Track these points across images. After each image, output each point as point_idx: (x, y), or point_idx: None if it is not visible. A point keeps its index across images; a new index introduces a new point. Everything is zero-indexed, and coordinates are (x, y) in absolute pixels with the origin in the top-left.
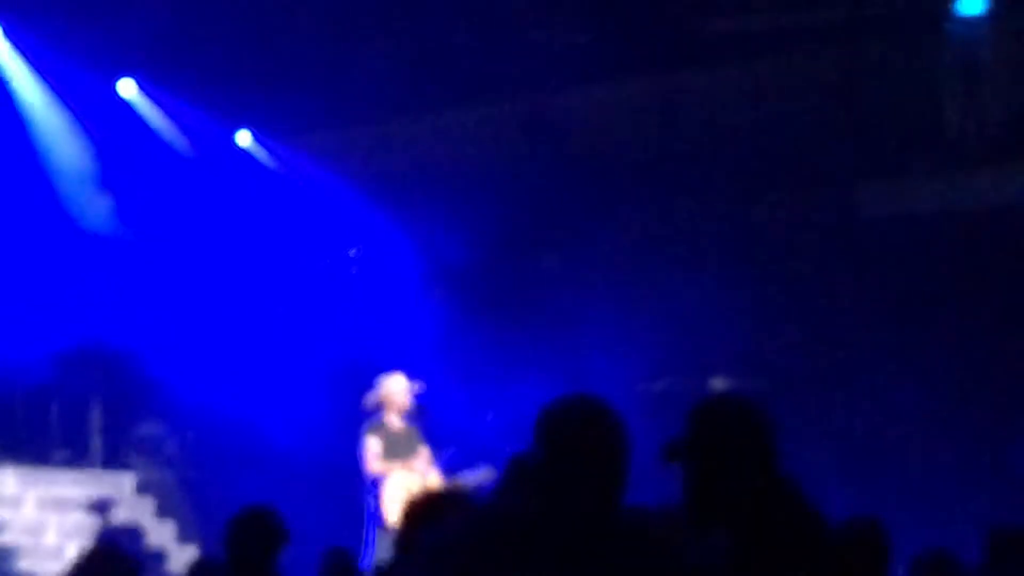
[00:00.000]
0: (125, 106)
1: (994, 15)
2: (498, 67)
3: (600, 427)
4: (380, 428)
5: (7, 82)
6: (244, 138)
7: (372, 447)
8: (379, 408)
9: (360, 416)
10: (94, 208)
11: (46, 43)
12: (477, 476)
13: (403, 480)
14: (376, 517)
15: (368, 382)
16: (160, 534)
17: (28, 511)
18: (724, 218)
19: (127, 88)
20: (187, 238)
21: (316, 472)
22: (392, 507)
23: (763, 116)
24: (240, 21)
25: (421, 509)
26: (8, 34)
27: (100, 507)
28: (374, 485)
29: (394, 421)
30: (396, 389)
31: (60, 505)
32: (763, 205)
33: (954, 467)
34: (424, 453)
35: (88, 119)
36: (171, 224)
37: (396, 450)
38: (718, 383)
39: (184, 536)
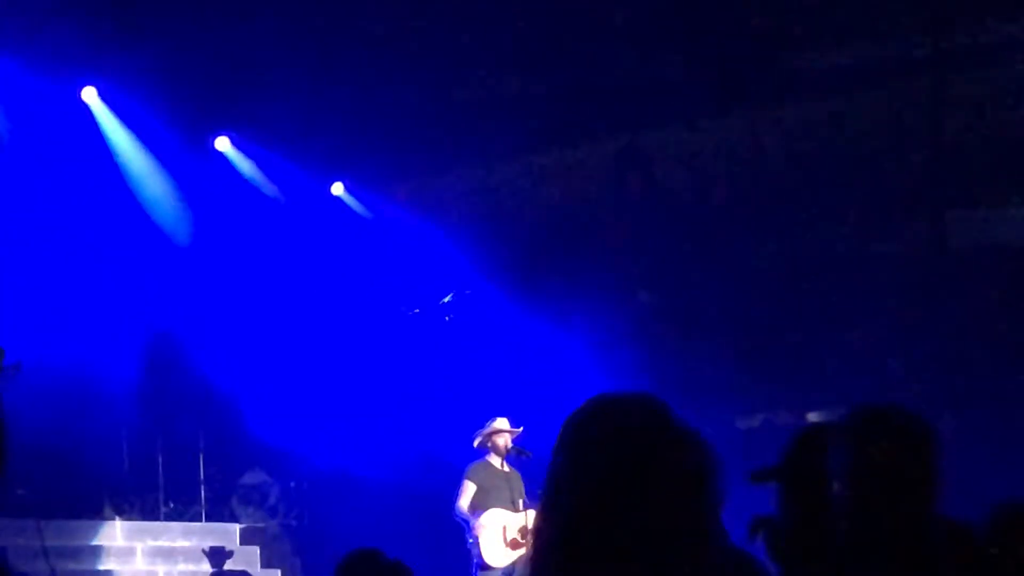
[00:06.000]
0: (222, 161)
1: None
2: (592, 107)
3: (605, 422)
4: (479, 470)
5: (108, 145)
6: (338, 189)
7: (466, 489)
8: (483, 449)
9: (459, 461)
10: (192, 259)
11: (141, 104)
12: None
13: (499, 519)
14: (476, 558)
15: (467, 428)
16: None
17: (138, 563)
18: (814, 250)
19: (223, 144)
20: (284, 288)
21: (420, 517)
22: (489, 547)
23: (851, 148)
24: (331, 73)
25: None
26: (104, 96)
27: (208, 558)
28: (469, 527)
29: (495, 463)
30: (497, 432)
31: (168, 556)
32: (851, 236)
33: None
34: (522, 496)
35: (185, 176)
36: (269, 275)
37: (494, 492)
38: (814, 418)
39: None
